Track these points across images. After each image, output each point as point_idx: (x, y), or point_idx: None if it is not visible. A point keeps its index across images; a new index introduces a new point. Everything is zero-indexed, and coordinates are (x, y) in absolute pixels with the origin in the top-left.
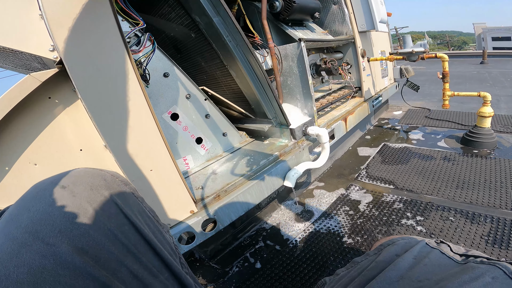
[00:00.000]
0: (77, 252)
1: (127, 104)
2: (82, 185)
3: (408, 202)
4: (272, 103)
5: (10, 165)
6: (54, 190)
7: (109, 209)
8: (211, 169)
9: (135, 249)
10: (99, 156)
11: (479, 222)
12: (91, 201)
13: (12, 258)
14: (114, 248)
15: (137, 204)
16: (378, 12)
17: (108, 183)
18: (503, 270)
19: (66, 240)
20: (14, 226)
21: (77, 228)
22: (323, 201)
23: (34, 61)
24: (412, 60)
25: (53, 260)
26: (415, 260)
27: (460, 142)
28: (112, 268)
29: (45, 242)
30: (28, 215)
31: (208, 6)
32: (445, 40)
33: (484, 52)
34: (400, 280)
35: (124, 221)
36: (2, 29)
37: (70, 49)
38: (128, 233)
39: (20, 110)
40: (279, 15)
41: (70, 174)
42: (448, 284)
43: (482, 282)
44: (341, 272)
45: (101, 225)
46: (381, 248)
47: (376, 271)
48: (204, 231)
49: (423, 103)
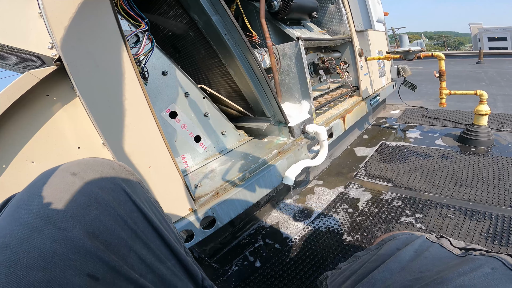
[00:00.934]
0: (88, 237)
1: (126, 102)
2: (92, 172)
3: (407, 200)
4: (271, 102)
5: (7, 162)
6: (65, 176)
7: (119, 196)
8: (210, 167)
9: (143, 235)
10: (97, 153)
11: (478, 219)
12: (101, 188)
13: (23, 243)
14: (123, 234)
15: (144, 193)
16: (375, 11)
17: (116, 172)
18: (502, 262)
19: (78, 225)
20: (25, 211)
21: (88, 214)
22: (322, 199)
23: (32, 59)
24: (409, 59)
25: (64, 244)
26: (415, 253)
27: (458, 140)
28: (122, 253)
29: (57, 227)
30: (39, 200)
31: (207, 4)
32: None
33: (480, 52)
34: (401, 271)
35: (133, 208)
36: (0, 27)
37: (69, 46)
38: (137, 220)
39: (18, 107)
40: (277, 14)
41: (79, 162)
42: (448, 274)
43: (481, 273)
44: (343, 266)
45: (111, 211)
46: (382, 243)
47: (378, 263)
48: (203, 229)
49: (420, 102)
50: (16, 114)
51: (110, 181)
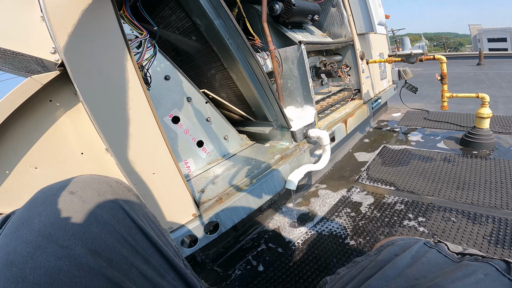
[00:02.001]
0: (91, 254)
1: (129, 107)
2: (90, 191)
3: (410, 204)
4: (273, 106)
5: (10, 168)
6: (64, 195)
7: (117, 213)
8: (213, 172)
9: (143, 251)
10: (100, 159)
11: (481, 223)
12: (100, 206)
13: (28, 261)
14: (124, 250)
15: (141, 209)
16: (377, 14)
17: (113, 189)
18: (495, 267)
19: (79, 243)
20: (27, 230)
21: (89, 232)
22: (324, 203)
23: (34, 63)
24: (411, 62)
25: (69, 262)
26: (413, 259)
27: (459, 143)
28: (124, 269)
29: (60, 245)
30: (40, 219)
31: (209, 8)
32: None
33: (480, 53)
34: (397, 278)
35: (131, 224)
36: (3, 31)
37: (73, 51)
38: (136, 236)
39: (21, 113)
40: (279, 18)
41: (76, 180)
42: (441, 281)
43: (474, 279)
44: (342, 271)
45: (111, 229)
46: (381, 249)
47: (376, 269)
48: (206, 234)
49: (422, 105)
50: (19, 120)
51: (108, 199)
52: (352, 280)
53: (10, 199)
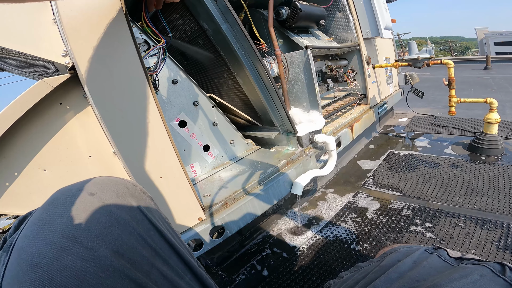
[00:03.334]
0: (115, 255)
1: (138, 111)
2: (109, 192)
3: (417, 209)
4: (279, 111)
5: (19, 170)
6: (83, 196)
7: (136, 215)
8: (218, 176)
9: (162, 252)
10: (108, 162)
11: (489, 228)
12: (119, 208)
13: (54, 262)
14: (145, 252)
15: (156, 211)
16: (383, 18)
17: (131, 191)
18: (490, 269)
19: (103, 244)
20: (49, 231)
21: (111, 233)
22: (330, 208)
23: (45, 66)
24: (418, 66)
25: (94, 263)
26: (414, 263)
27: (467, 149)
28: (146, 270)
29: (84, 246)
30: (62, 220)
31: (216, 13)
32: (448, 45)
33: (487, 58)
34: (400, 279)
35: (150, 226)
36: (15, 33)
37: (84, 54)
38: (154, 237)
39: (31, 115)
40: (285, 23)
41: (94, 182)
42: (440, 281)
43: (470, 280)
44: (345, 275)
45: (131, 230)
46: (384, 256)
47: (379, 274)
48: (212, 238)
49: (428, 110)
50: (29, 122)
51: (127, 200)
52: (357, 284)
53: (18, 201)
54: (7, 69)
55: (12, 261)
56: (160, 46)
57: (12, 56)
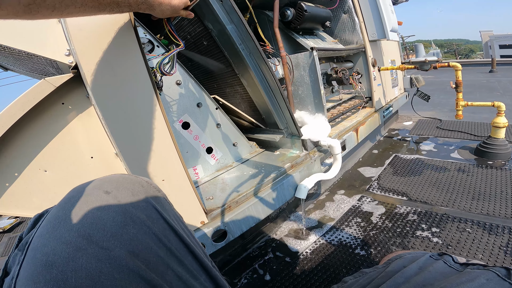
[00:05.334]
0: (130, 256)
1: (141, 112)
2: (124, 190)
3: (423, 214)
4: (284, 113)
5: (20, 170)
6: (99, 195)
7: (151, 214)
8: (221, 179)
9: (177, 252)
10: (109, 164)
11: (497, 233)
12: (135, 206)
13: (69, 262)
14: (160, 252)
15: (171, 209)
16: (389, 20)
17: (145, 189)
18: (496, 273)
19: (118, 244)
20: (65, 230)
21: (127, 233)
22: (334, 212)
23: (48, 65)
24: (425, 69)
25: (109, 264)
26: (420, 269)
27: (474, 153)
28: (160, 271)
29: (100, 246)
30: (77, 219)
31: (222, 13)
32: (452, 48)
33: (493, 60)
34: (406, 283)
35: (165, 225)
36: (19, 33)
37: (87, 54)
38: (170, 237)
39: (33, 115)
40: (290, 24)
41: (109, 180)
42: (447, 285)
43: (477, 283)
44: (349, 280)
45: (147, 230)
46: (390, 262)
47: (385, 279)
48: (214, 242)
49: (434, 113)
50: (30, 122)
51: (142, 199)
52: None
53: (18, 202)
54: (11, 68)
55: (27, 260)
56: (179, 50)
57: (16, 55)
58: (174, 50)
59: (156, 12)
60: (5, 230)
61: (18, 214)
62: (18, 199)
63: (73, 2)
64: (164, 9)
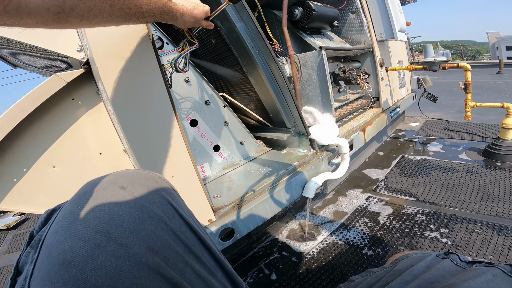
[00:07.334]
0: (149, 253)
1: (152, 108)
2: (140, 186)
3: (431, 215)
4: (292, 112)
5: (28, 166)
6: (115, 190)
7: (167, 209)
8: (228, 177)
9: (194, 249)
10: (118, 160)
11: (506, 234)
12: (151, 202)
13: (88, 261)
14: (178, 248)
15: (184, 205)
16: (398, 21)
17: (160, 184)
18: (501, 270)
19: (137, 241)
20: (82, 226)
21: (145, 229)
22: (341, 212)
23: (58, 61)
24: (434, 69)
25: (129, 261)
26: (428, 267)
27: (482, 155)
28: (180, 268)
29: (119, 243)
30: (94, 214)
31: (231, 11)
32: (459, 49)
33: (500, 62)
34: (415, 280)
35: (181, 221)
36: (31, 29)
37: (99, 49)
38: (186, 233)
39: (43, 110)
40: (298, 23)
41: (124, 175)
42: (455, 281)
43: (484, 279)
44: (356, 279)
45: (164, 226)
46: (397, 262)
47: (394, 277)
48: (221, 241)
49: (441, 114)
50: (40, 117)
51: (157, 194)
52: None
53: (25, 198)
54: (20, 65)
55: (42, 259)
56: (193, 48)
57: (27, 51)
58: (189, 48)
59: (178, 22)
60: (10, 227)
61: (25, 211)
62: (26, 195)
63: (101, 11)
64: (186, 20)
